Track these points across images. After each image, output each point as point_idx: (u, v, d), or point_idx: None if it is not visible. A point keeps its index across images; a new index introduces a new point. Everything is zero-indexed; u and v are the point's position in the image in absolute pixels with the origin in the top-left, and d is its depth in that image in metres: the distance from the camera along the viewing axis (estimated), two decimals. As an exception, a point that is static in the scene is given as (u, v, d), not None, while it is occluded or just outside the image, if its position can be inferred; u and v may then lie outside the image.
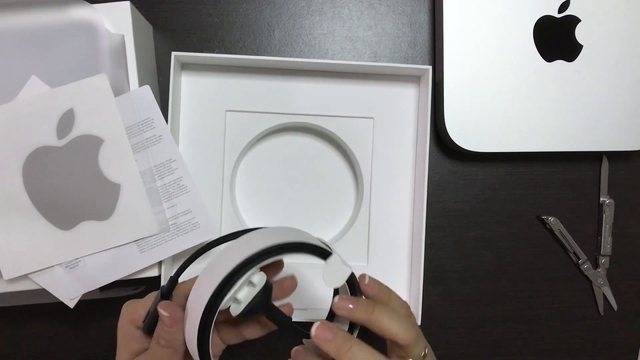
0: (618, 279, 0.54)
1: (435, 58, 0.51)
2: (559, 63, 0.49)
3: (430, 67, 0.46)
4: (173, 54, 0.44)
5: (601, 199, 0.53)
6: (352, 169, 0.50)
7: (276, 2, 0.51)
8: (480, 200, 0.53)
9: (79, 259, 0.42)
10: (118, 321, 0.35)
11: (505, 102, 0.48)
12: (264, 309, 0.33)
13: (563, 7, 0.49)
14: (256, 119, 0.48)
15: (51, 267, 0.42)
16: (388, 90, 0.49)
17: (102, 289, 0.44)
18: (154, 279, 0.44)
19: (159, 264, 0.44)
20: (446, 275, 0.52)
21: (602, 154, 0.53)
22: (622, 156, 0.53)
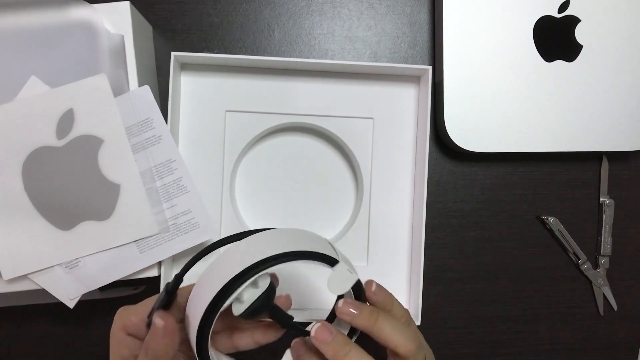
0: (618, 279, 0.54)
1: (435, 58, 0.51)
2: (559, 63, 0.49)
3: (430, 67, 0.46)
4: (173, 54, 0.44)
5: (601, 199, 0.53)
6: (352, 169, 0.50)
7: (276, 2, 0.51)
8: (480, 200, 0.52)
9: (78, 259, 0.42)
10: (111, 327, 0.35)
11: (505, 102, 0.48)
12: (267, 309, 0.33)
13: (563, 7, 0.49)
14: (256, 119, 0.48)
15: (51, 267, 0.42)
16: (388, 91, 0.49)
17: (102, 289, 0.44)
18: (154, 279, 0.44)
19: (159, 264, 0.44)
20: (446, 275, 0.52)
21: (602, 154, 0.53)
22: (622, 156, 0.53)
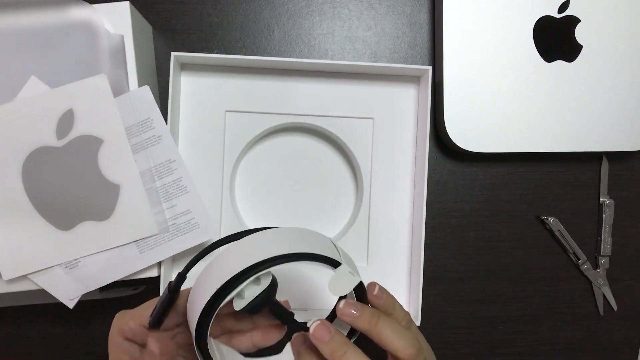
0: (618, 279, 0.54)
1: (435, 58, 0.51)
2: (559, 63, 0.49)
3: (430, 68, 0.46)
4: (173, 54, 0.44)
5: (601, 199, 0.53)
6: (352, 169, 0.50)
7: (276, 2, 0.51)
8: (480, 200, 0.52)
9: (78, 259, 0.42)
10: (109, 332, 0.35)
11: (505, 102, 0.48)
12: (268, 305, 0.33)
13: (563, 7, 0.49)
14: (256, 119, 0.48)
15: (51, 267, 0.42)
16: (388, 91, 0.49)
17: (102, 289, 0.44)
18: (154, 280, 0.44)
19: (159, 264, 0.44)
20: (446, 275, 0.52)
21: (602, 154, 0.53)
22: (622, 156, 0.53)
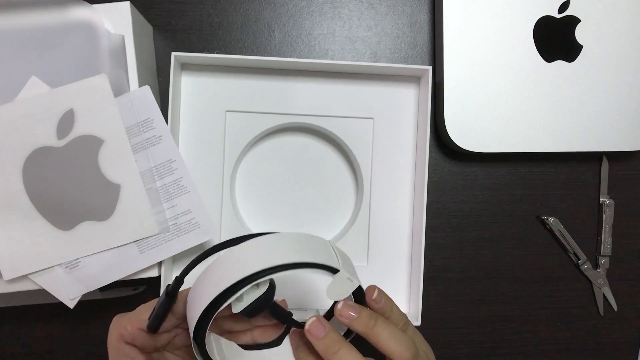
0: (618, 279, 0.54)
1: (435, 58, 0.51)
2: (559, 63, 0.49)
3: (430, 68, 0.46)
4: (173, 54, 0.44)
5: (601, 199, 0.53)
6: (352, 169, 0.50)
7: (276, 3, 0.51)
8: (480, 200, 0.53)
9: (79, 259, 0.42)
10: (108, 335, 0.35)
11: (505, 102, 0.48)
12: (267, 307, 0.34)
13: (563, 8, 0.49)
14: (256, 119, 0.48)
15: (51, 267, 0.42)
16: (388, 91, 0.49)
17: (102, 289, 0.44)
18: (154, 280, 0.44)
19: (159, 264, 0.44)
20: (446, 275, 0.52)
21: (602, 154, 0.53)
22: (622, 156, 0.53)
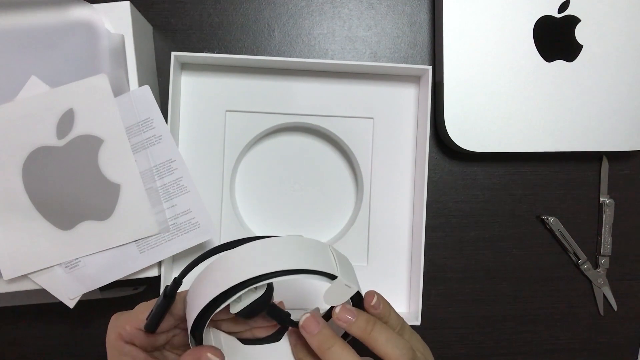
0: (618, 279, 0.54)
1: (435, 58, 0.51)
2: (559, 63, 0.49)
3: (430, 67, 0.46)
4: (173, 54, 0.44)
5: (601, 199, 0.53)
6: (352, 169, 0.50)
7: (276, 2, 0.51)
8: (480, 200, 0.52)
9: (78, 259, 0.42)
10: (106, 335, 0.35)
11: (505, 102, 0.48)
12: (265, 308, 0.34)
13: (563, 7, 0.49)
14: (256, 119, 0.48)
15: (51, 267, 0.42)
16: (388, 90, 0.49)
17: (102, 289, 0.44)
18: (154, 279, 0.44)
19: (159, 264, 0.44)
20: (446, 275, 0.52)
21: (602, 154, 0.53)
22: (622, 156, 0.53)
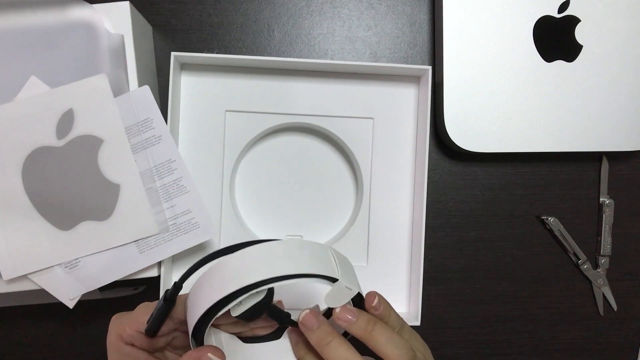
0: (618, 279, 0.54)
1: (435, 58, 0.51)
2: (559, 63, 0.49)
3: (430, 68, 0.46)
4: (173, 54, 0.44)
5: (601, 199, 0.53)
6: (352, 169, 0.50)
7: (276, 2, 0.51)
8: (480, 200, 0.52)
9: (78, 259, 0.42)
10: (107, 336, 0.35)
11: (505, 102, 0.48)
12: (265, 311, 0.34)
13: (563, 7, 0.49)
14: (256, 119, 0.48)
15: (51, 267, 0.42)
16: (388, 91, 0.49)
17: (102, 289, 0.44)
18: (154, 279, 0.44)
19: (159, 264, 0.44)
20: (446, 275, 0.52)
21: (602, 154, 0.53)
22: (622, 156, 0.53)
